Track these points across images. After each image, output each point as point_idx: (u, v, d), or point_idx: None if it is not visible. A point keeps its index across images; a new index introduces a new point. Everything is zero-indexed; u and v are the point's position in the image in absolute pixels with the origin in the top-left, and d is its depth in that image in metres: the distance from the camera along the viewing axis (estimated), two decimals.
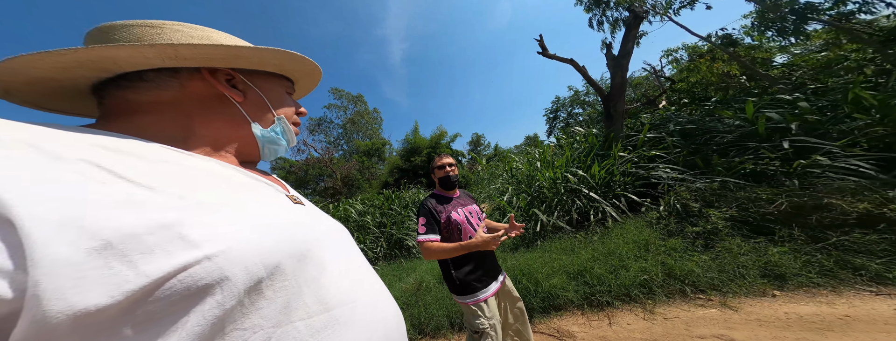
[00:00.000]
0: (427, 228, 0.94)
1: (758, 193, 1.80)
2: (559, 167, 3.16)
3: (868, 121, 1.95)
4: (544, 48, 5.06)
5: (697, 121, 3.21)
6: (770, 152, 2.15)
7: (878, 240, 1.32)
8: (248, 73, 0.31)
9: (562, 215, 2.67)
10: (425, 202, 1.01)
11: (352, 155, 17.85)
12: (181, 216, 0.17)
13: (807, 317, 1.12)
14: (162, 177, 0.19)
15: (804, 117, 2.32)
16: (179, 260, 0.16)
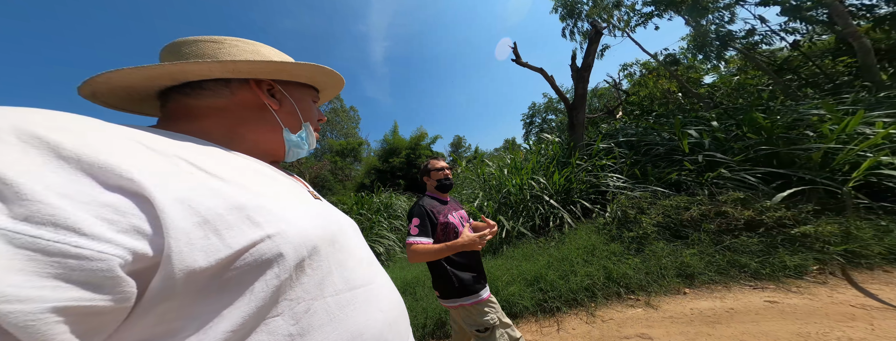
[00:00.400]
0: (420, 230, 0.90)
1: (678, 202, 2.12)
2: (524, 174, 3.34)
3: (758, 140, 2.42)
4: (517, 56, 5.28)
5: (640, 133, 3.67)
6: (690, 165, 2.55)
7: (757, 242, 1.65)
8: (284, 84, 0.35)
9: (526, 221, 2.84)
10: (421, 203, 0.97)
11: (324, 154, 16.74)
12: (247, 201, 0.21)
13: (705, 312, 1.35)
14: (228, 170, 0.24)
15: (714, 134, 2.79)
16: (251, 237, 0.20)
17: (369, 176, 13.87)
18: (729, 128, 2.92)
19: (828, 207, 1.73)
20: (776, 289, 1.40)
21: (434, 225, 0.93)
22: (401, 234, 4.29)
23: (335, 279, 0.25)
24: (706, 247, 1.75)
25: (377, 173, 13.88)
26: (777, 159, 2.18)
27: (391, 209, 5.13)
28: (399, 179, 12.84)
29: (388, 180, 13.34)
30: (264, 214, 0.21)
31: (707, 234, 1.81)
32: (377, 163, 13.80)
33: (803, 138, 2.23)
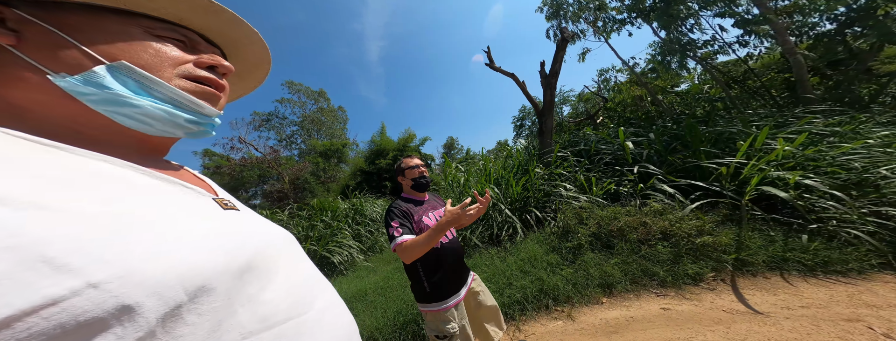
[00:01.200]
0: (403, 229, 0.88)
1: (612, 212, 2.27)
2: (484, 182, 3.45)
3: (686, 153, 2.63)
4: (491, 60, 5.41)
5: (594, 142, 3.88)
6: (631, 175, 2.74)
7: (668, 251, 1.80)
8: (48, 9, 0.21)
9: (484, 230, 2.93)
10: (395, 205, 0.96)
11: (306, 155, 16.37)
12: (46, 233, 0.14)
13: (610, 321, 1.47)
14: (16, 183, 0.15)
15: (653, 146, 3.00)
16: (43, 294, 0.12)
17: (355, 177, 13.70)
18: (670, 140, 3.15)
19: (731, 218, 1.91)
20: (675, 297, 1.54)
21: (411, 221, 0.92)
22: (368, 242, 4.28)
23: (242, 319, 0.19)
24: (627, 256, 1.89)
25: (363, 175, 13.72)
26: (699, 172, 2.38)
27: (362, 214, 5.08)
28: (385, 181, 12.75)
29: (374, 182, 13.22)
30: (84, 249, 0.14)
31: (629, 244, 1.95)
32: (363, 165, 13.67)
33: (722, 152, 2.45)
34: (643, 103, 7.71)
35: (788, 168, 2.00)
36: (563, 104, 13.78)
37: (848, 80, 4.46)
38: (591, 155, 3.49)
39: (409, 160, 1.07)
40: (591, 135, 4.09)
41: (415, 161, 1.06)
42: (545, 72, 4.57)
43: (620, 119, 6.91)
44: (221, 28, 0.29)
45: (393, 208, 0.95)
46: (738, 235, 1.75)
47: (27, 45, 0.21)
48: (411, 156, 1.10)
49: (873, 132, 2.27)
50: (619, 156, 3.14)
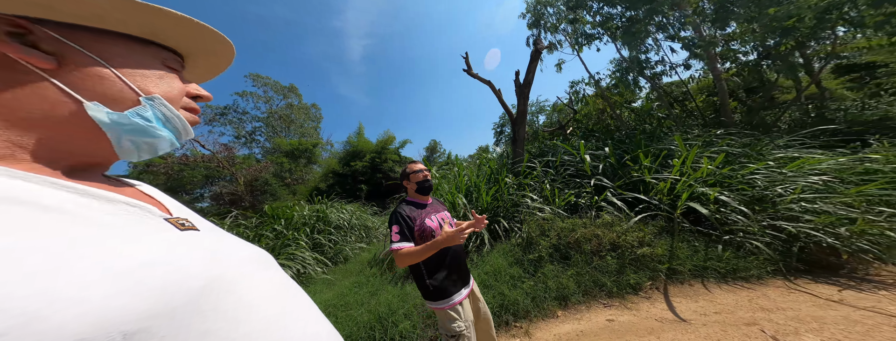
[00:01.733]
0: (401, 236, 0.94)
1: (571, 224, 2.40)
2: (455, 191, 3.45)
3: (634, 168, 2.92)
4: (469, 66, 5.47)
5: (558, 153, 4.14)
6: (588, 187, 2.95)
7: (613, 262, 1.95)
8: (75, 31, 0.21)
9: None
10: (398, 210, 1.01)
11: (270, 155, 15.03)
12: None
13: (562, 336, 1.53)
14: None
15: (607, 160, 3.29)
16: None
17: (326, 180, 12.93)
18: (622, 154, 3.48)
19: (666, 230, 2.14)
20: (619, 307, 1.65)
21: (412, 229, 0.97)
22: (331, 252, 4.01)
23: None
24: (581, 267, 2.00)
25: (336, 177, 13.02)
26: (643, 186, 2.65)
27: (325, 221, 4.74)
28: (361, 184, 12.22)
29: (348, 185, 12.59)
30: None
31: (584, 255, 2.08)
32: (337, 167, 12.97)
33: (662, 168, 2.76)
34: (604, 117, 8.46)
35: (710, 184, 2.32)
36: (539, 113, 14.60)
37: (757, 107, 5.41)
38: (557, 166, 3.70)
39: (414, 165, 1.13)
40: (559, 146, 4.37)
41: (419, 166, 1.12)
42: (519, 81, 4.70)
43: (585, 131, 7.49)
44: (214, 51, 0.30)
45: (397, 212, 1.00)
46: (671, 246, 1.96)
47: (64, 72, 0.21)
48: (415, 162, 1.17)
49: (772, 154, 2.76)
50: (581, 168, 3.37)
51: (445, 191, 3.70)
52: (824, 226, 1.70)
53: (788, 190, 2.03)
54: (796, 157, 2.51)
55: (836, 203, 1.84)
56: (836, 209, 1.79)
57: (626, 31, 5.60)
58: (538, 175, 3.55)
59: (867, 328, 1.13)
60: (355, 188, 12.00)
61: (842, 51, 4.76)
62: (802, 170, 2.23)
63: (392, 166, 12.18)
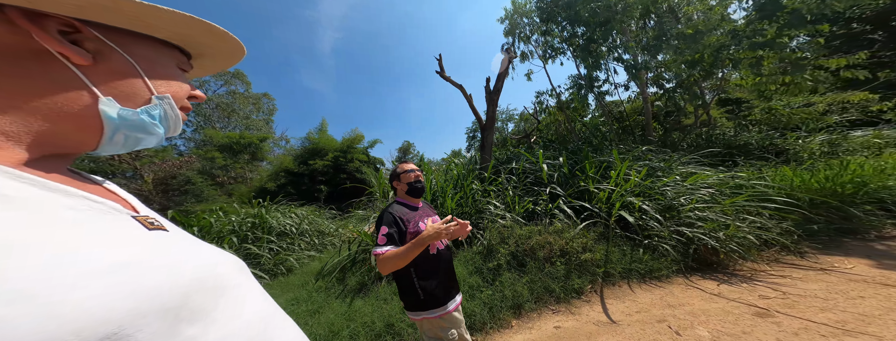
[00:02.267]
0: (388, 239, 0.87)
1: (527, 231, 2.54)
2: None
3: (582, 178, 3.28)
4: (442, 69, 5.34)
5: (521, 161, 4.41)
6: (543, 195, 3.20)
7: (562, 268, 2.12)
8: (115, 32, 0.23)
9: None
10: (390, 209, 0.95)
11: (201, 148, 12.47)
12: None
13: None
14: None
15: (560, 170, 3.63)
16: None
17: (277, 179, 11.34)
18: (574, 164, 3.88)
19: (604, 236, 2.44)
20: (565, 312, 1.80)
21: (403, 233, 0.90)
22: (269, 263, 3.49)
23: None
24: (535, 274, 2.12)
25: (290, 177, 11.54)
26: (589, 195, 2.98)
27: (263, 228, 4.11)
28: (320, 185, 11.06)
29: (304, 186, 11.29)
30: None
31: (537, 262, 2.21)
32: (291, 165, 11.48)
33: (603, 179, 3.15)
34: (562, 128, 9.42)
35: (636, 195, 2.74)
36: (509, 121, 15.40)
37: (670, 128, 6.72)
38: (520, 173, 3.92)
39: (405, 164, 1.08)
40: (521, 154, 4.66)
41: (411, 166, 1.07)
42: (489, 88, 4.82)
43: (546, 141, 8.18)
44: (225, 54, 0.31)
45: (388, 212, 0.94)
46: (607, 251, 2.23)
47: (95, 68, 0.22)
48: (407, 162, 1.12)
49: (679, 170, 3.43)
50: (539, 177, 3.64)
51: None
52: (709, 230, 2.15)
53: (687, 200, 2.52)
54: (693, 173, 3.15)
55: (717, 211, 2.36)
56: (718, 216, 2.29)
57: (584, 49, 6.31)
58: (502, 182, 3.69)
59: (735, 317, 1.45)
60: (313, 189, 10.83)
61: (725, 86, 6.29)
62: (697, 183, 2.82)
63: (359, 166, 11.35)
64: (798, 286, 1.67)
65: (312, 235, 4.70)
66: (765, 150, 4.41)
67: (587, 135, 7.70)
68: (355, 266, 2.80)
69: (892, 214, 2.43)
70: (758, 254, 2.10)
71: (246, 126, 16.15)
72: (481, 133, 5.06)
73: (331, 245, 4.57)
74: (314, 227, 5.03)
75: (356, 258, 2.89)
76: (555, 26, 6.89)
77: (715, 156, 4.40)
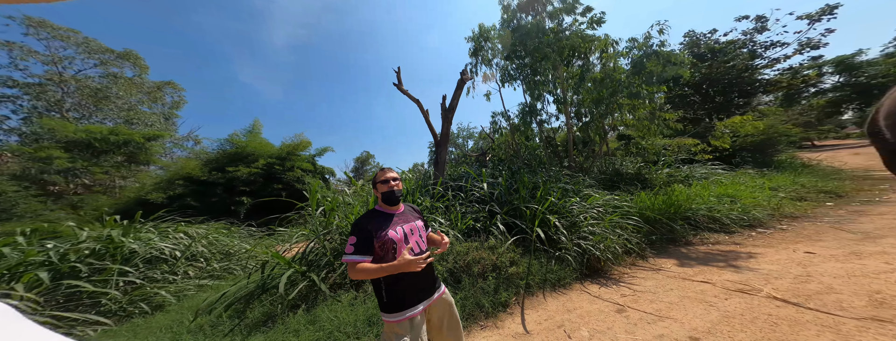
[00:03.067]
0: (356, 248, 0.96)
1: (465, 248, 2.68)
2: (356, 212, 3.14)
3: (516, 197, 3.75)
4: (400, 81, 5.30)
5: (469, 179, 4.75)
6: (483, 212, 3.49)
7: (492, 282, 2.30)
8: None
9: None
10: (360, 219, 1.02)
11: (32, 143, 8.64)
12: None
13: None
14: None
15: (500, 188, 4.07)
16: None
17: (169, 189, 8.68)
18: (512, 183, 4.40)
19: (528, 250, 2.81)
20: (491, 327, 1.92)
21: (370, 241, 0.97)
22: (119, 302, 2.58)
23: None
24: (469, 290, 2.22)
25: (191, 186, 8.99)
26: (519, 212, 3.41)
27: (117, 256, 3.03)
28: (242, 196, 8.94)
29: (215, 197, 8.96)
30: None
31: (472, 278, 2.34)
32: (197, 172, 9.02)
33: (532, 198, 3.67)
34: (510, 150, 10.60)
35: (553, 212, 3.30)
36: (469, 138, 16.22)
37: (583, 156, 8.49)
38: (467, 190, 4.17)
39: (384, 173, 1.11)
40: (469, 173, 5.00)
41: (389, 174, 1.10)
42: (445, 105, 5.05)
43: (498, 159, 9.01)
44: None
45: (357, 221, 1.01)
46: (529, 263, 2.56)
47: None
48: (387, 170, 1.13)
49: (583, 192, 4.33)
50: (483, 194, 3.96)
51: (354, 210, 3.29)
52: (596, 243, 2.77)
53: (585, 218, 3.20)
54: (591, 195, 4.04)
55: (602, 227, 3.07)
56: (603, 231, 2.98)
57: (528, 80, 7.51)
58: (449, 198, 3.85)
59: (605, 315, 1.87)
60: (230, 202, 8.65)
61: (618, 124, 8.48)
62: (592, 203, 3.62)
63: (300, 176, 9.80)
64: (642, 284, 2.29)
65: (211, 259, 3.69)
66: (635, 178, 6.05)
67: (529, 157, 8.93)
68: (266, 294, 2.33)
69: (694, 226, 3.69)
70: (623, 260, 2.80)
71: (127, 119, 11.99)
72: (435, 149, 5.19)
73: (242, 269, 3.68)
74: (217, 249, 3.97)
75: (267, 285, 2.42)
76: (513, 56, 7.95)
77: (607, 182, 5.77)
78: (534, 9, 7.12)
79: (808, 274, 2.15)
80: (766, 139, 9.02)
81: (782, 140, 9.15)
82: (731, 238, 3.41)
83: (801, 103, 15.36)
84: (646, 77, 5.95)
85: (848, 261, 2.28)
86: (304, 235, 3.36)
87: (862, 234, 2.95)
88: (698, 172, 6.64)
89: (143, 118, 12.52)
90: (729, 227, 3.69)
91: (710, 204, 4.06)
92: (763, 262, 2.51)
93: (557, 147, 9.30)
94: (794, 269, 2.27)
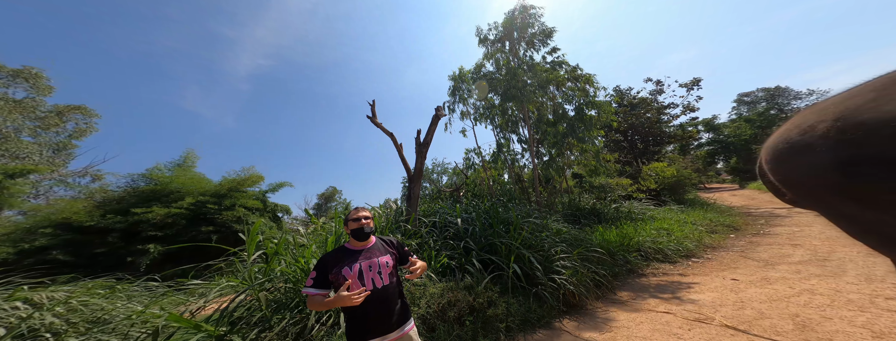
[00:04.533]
0: (314, 281, 1.08)
1: (440, 288, 2.45)
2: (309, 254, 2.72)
3: (490, 232, 3.78)
4: (374, 114, 5.46)
5: (442, 215, 4.70)
6: (459, 249, 3.37)
7: (470, 328, 2.05)
8: None
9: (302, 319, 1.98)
10: (326, 255, 1.15)
11: None
12: None
13: None
14: None
15: (474, 223, 4.10)
16: None
17: (26, 240, 6.44)
18: (487, 219, 4.45)
19: (507, 287, 2.69)
20: None
21: (325, 276, 1.09)
22: None
23: None
24: (444, 338, 1.92)
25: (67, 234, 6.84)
26: (494, 247, 3.39)
27: None
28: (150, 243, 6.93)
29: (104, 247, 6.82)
30: None
31: (447, 324, 2.06)
32: (80, 216, 7.07)
33: (506, 233, 3.74)
34: (483, 186, 11.06)
35: (526, 247, 3.37)
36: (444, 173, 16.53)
37: (547, 192, 9.31)
38: (441, 227, 4.06)
39: (356, 212, 1.20)
40: (443, 209, 4.99)
41: (360, 213, 1.19)
42: (419, 140, 5.12)
43: (472, 195, 9.24)
44: None
45: (324, 257, 1.14)
46: (508, 303, 2.41)
47: None
48: (361, 209, 1.22)
49: (551, 226, 4.61)
50: (458, 230, 3.89)
51: (309, 252, 2.84)
52: (569, 276, 2.82)
53: (555, 251, 3.32)
54: (560, 229, 4.31)
55: (571, 260, 3.20)
56: (573, 264, 3.09)
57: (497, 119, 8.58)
58: (423, 235, 3.67)
59: None
60: (129, 251, 6.62)
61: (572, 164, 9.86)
62: (561, 237, 3.84)
63: (243, 215, 8.31)
64: (616, 318, 2.32)
65: (66, 333, 2.51)
66: (591, 213, 6.74)
67: (501, 193, 9.39)
68: None
69: (644, 257, 4.09)
70: (595, 293, 2.85)
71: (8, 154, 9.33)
72: (408, 184, 5.17)
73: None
74: (84, 317, 2.77)
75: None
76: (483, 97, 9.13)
77: (570, 216, 6.28)
78: (511, 38, 7.90)
79: (741, 300, 2.43)
80: (677, 181, 11.37)
81: (687, 182, 11.65)
82: (675, 267, 3.82)
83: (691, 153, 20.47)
84: (586, 123, 7.43)
85: (763, 286, 2.68)
86: (231, 287, 2.69)
87: (762, 262, 3.57)
88: (637, 208, 7.76)
89: (13, 149, 9.69)
90: (670, 257, 4.17)
91: (652, 236, 4.66)
92: (705, 291, 2.79)
93: (525, 183, 10.12)
94: (730, 296, 2.56)
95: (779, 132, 0.23)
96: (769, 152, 0.23)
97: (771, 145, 0.23)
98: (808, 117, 0.20)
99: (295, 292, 2.24)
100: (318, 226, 4.15)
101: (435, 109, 5.78)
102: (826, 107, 0.20)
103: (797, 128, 0.21)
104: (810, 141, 0.19)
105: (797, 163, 0.20)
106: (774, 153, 0.23)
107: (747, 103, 30.05)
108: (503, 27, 8.10)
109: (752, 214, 7.89)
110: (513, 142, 9.44)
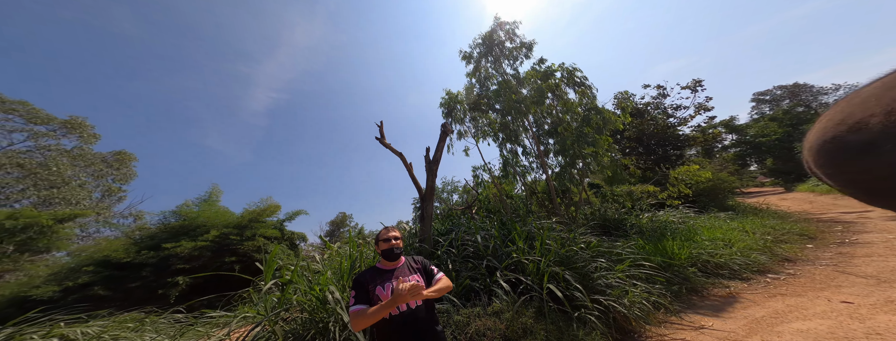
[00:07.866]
0: (356, 299, 1.07)
1: (465, 315, 2.15)
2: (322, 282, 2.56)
3: (513, 249, 3.45)
4: (382, 135, 5.61)
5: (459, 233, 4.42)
6: (481, 268, 3.07)
7: None
8: None
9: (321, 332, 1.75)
10: (359, 275, 1.14)
11: None
12: None
13: None
14: None
15: (494, 240, 3.80)
16: None
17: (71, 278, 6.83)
18: (506, 234, 4.14)
19: (541, 311, 2.32)
20: None
21: (367, 293, 1.08)
22: None
23: None
24: None
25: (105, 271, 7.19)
26: (522, 266, 3.06)
27: None
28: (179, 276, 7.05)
29: (138, 281, 7.00)
30: None
31: None
32: (119, 254, 7.44)
33: (531, 249, 3.41)
34: (495, 201, 10.63)
35: (557, 263, 3.00)
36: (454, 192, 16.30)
37: (564, 204, 8.69)
38: (458, 245, 3.80)
39: (387, 232, 1.22)
40: (460, 225, 4.74)
41: (390, 233, 1.21)
42: (429, 157, 5.02)
43: (485, 211, 8.88)
44: None
45: (357, 277, 1.13)
46: (546, 330, 2.05)
47: None
48: (391, 228, 1.23)
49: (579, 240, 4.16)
50: (477, 248, 3.61)
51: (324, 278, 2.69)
52: (617, 297, 2.41)
53: (593, 268, 2.92)
54: (591, 242, 3.87)
55: (616, 277, 2.77)
56: (618, 283, 2.66)
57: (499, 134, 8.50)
58: (440, 255, 3.44)
59: None
60: (159, 284, 6.77)
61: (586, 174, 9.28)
62: (595, 251, 3.41)
63: (262, 245, 8.43)
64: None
65: None
66: (620, 224, 6.10)
67: (516, 207, 8.92)
68: None
69: (705, 273, 3.46)
70: (653, 317, 2.37)
71: (45, 199, 10.01)
72: (421, 203, 5.05)
73: None
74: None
75: None
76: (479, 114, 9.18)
77: (599, 228, 5.71)
78: (493, 53, 7.83)
79: (875, 331, 1.86)
80: (714, 186, 10.31)
81: (726, 186, 10.52)
82: (749, 285, 3.17)
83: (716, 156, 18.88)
84: (594, 127, 7.17)
85: (893, 312, 2.07)
86: (247, 318, 2.55)
87: (872, 278, 2.84)
88: (675, 216, 6.95)
89: (68, 196, 10.46)
90: (739, 273, 3.50)
91: (707, 248, 4.01)
92: (811, 317, 2.21)
93: (540, 196, 9.60)
94: (855, 326, 1.98)
95: (819, 130, 0.21)
96: (821, 155, 0.21)
97: (817, 146, 0.21)
98: (851, 112, 0.19)
99: (311, 322, 2.07)
100: (332, 251, 4.04)
101: (441, 126, 5.91)
102: (866, 99, 0.18)
103: (844, 125, 0.19)
104: (869, 138, 0.18)
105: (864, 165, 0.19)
106: (828, 156, 0.21)
107: (767, 101, 28.44)
108: (483, 40, 8.33)
109: (821, 220, 6.73)
110: (519, 155, 9.29)
